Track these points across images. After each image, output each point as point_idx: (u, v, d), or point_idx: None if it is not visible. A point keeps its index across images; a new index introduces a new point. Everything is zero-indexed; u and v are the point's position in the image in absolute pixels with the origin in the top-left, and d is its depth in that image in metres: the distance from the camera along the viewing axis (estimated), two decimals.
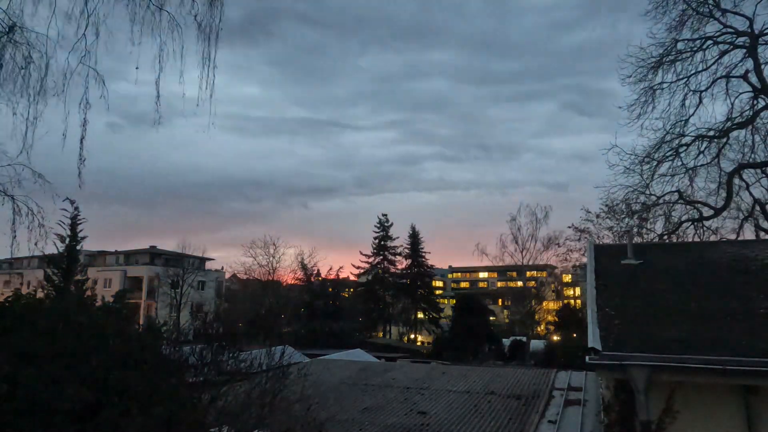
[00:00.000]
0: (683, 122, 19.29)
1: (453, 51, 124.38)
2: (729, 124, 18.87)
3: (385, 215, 69.25)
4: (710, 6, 18.59)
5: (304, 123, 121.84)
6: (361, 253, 68.13)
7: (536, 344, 47.13)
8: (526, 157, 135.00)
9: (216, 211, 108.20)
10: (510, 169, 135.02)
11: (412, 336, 68.26)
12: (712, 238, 19.20)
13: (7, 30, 7.08)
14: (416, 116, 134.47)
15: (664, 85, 19.25)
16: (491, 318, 60.24)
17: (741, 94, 18.89)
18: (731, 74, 18.84)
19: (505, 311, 76.48)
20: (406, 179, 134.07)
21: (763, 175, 19.27)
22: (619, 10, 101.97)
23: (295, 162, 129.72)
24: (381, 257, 67.65)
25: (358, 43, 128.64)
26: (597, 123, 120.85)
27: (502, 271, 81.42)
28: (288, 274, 62.79)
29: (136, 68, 6.51)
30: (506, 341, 51.73)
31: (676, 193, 19.56)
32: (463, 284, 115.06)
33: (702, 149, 19.10)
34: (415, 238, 68.56)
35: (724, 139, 18.98)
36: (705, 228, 19.60)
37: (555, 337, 54.66)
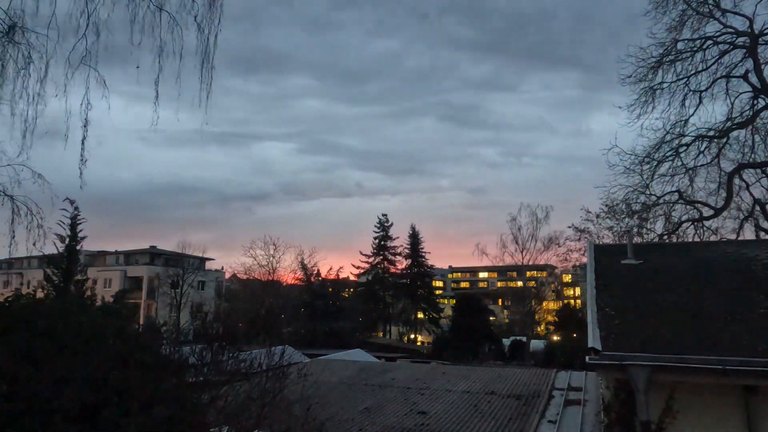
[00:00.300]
0: (683, 122, 19.30)
1: (306, 77, 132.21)
2: (729, 124, 18.87)
3: (385, 215, 69.36)
4: (710, 6, 18.60)
5: (207, 135, 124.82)
6: (361, 253, 68.24)
7: (536, 344, 47.18)
8: (435, 166, 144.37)
9: (159, 218, 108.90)
10: (426, 177, 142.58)
11: (412, 336, 68.26)
12: (712, 238, 19.19)
13: (7, 30, 7.08)
14: (310, 129, 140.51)
15: (664, 85, 19.26)
16: (491, 318, 60.22)
17: (741, 94, 18.91)
18: (731, 74, 18.84)
19: (505, 311, 76.58)
20: (327, 186, 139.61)
21: (763, 175, 19.28)
22: (438, 44, 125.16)
23: (219, 171, 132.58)
24: (381, 257, 67.67)
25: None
26: (483, 134, 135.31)
27: (502, 271, 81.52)
28: (288, 274, 62.92)
29: (137, 67, 6.56)
30: (506, 341, 51.74)
31: (676, 193, 19.56)
32: (463, 284, 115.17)
33: (702, 149, 19.11)
34: (415, 238, 68.59)
35: (724, 139, 18.98)
36: (705, 228, 19.60)
37: (555, 337, 54.70)
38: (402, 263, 68.34)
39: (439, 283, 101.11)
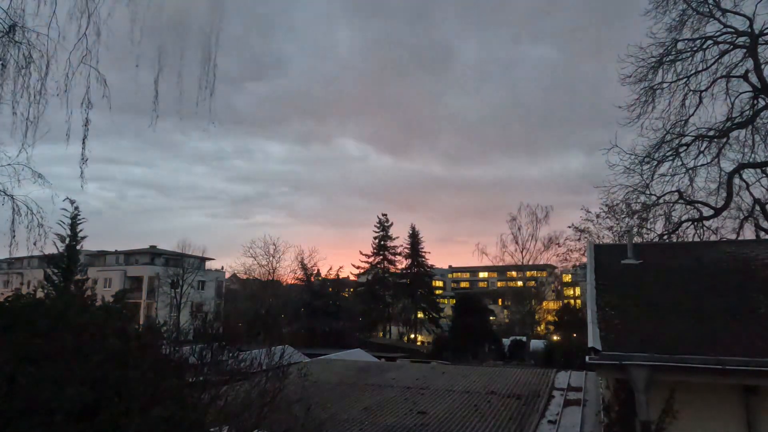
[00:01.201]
0: (683, 122, 19.27)
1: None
2: (729, 124, 18.84)
3: (385, 215, 69.40)
4: (710, 6, 18.57)
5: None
6: (361, 253, 68.26)
7: (536, 344, 47.15)
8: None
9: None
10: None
11: (412, 336, 68.26)
12: (712, 238, 19.16)
13: (7, 30, 7.08)
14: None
15: (664, 85, 19.22)
16: (491, 318, 60.28)
17: (741, 94, 18.87)
18: (731, 74, 18.81)
19: (505, 311, 76.53)
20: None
21: (763, 175, 19.24)
22: None
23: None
24: (381, 257, 67.68)
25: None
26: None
27: (502, 271, 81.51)
28: (288, 274, 62.93)
29: (136, 66, 6.59)
30: (506, 341, 51.78)
31: (676, 193, 19.54)
32: (463, 284, 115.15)
33: (702, 149, 19.08)
34: (414, 238, 68.60)
35: (724, 139, 18.96)
36: (705, 228, 19.57)
37: (555, 337, 54.69)
38: (402, 263, 68.42)
39: (439, 283, 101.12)
